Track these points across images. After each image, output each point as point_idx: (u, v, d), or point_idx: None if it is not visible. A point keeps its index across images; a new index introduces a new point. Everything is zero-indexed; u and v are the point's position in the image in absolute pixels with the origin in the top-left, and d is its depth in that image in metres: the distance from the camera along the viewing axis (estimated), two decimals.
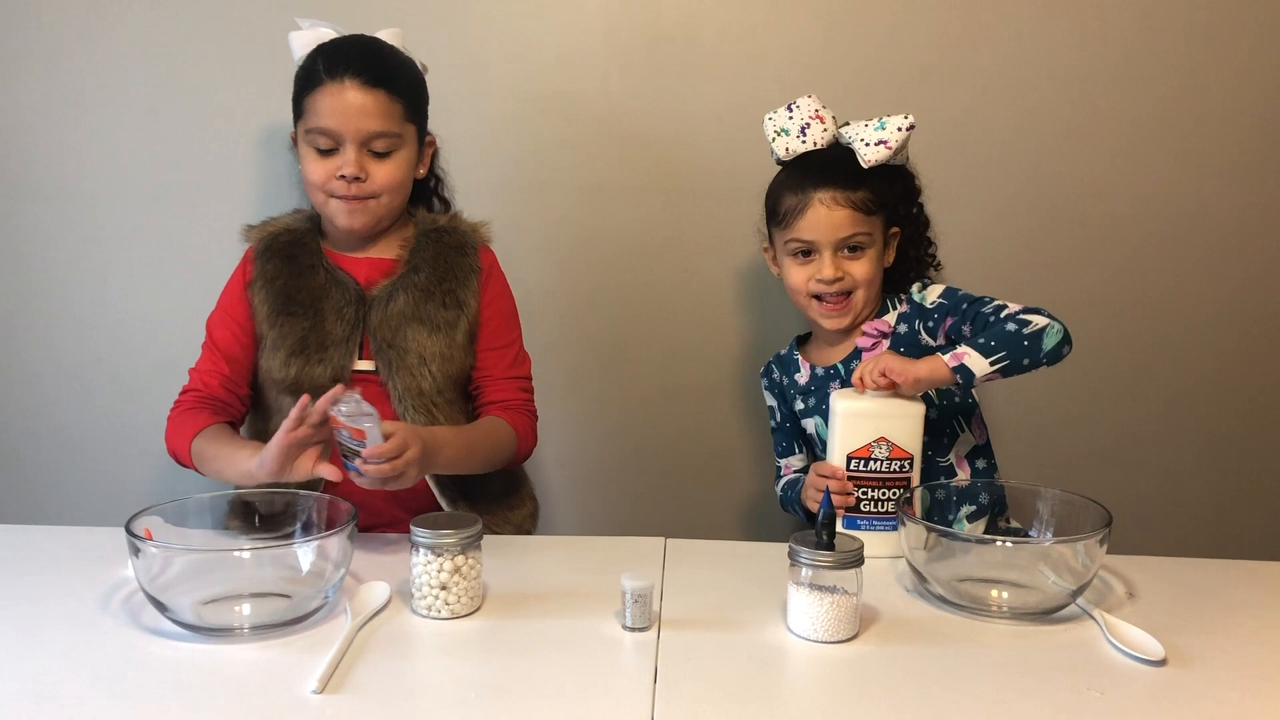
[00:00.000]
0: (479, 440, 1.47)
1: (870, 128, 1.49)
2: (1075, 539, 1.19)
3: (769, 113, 1.54)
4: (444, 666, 1.09)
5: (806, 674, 1.09)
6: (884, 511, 1.36)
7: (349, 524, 1.17)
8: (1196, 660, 1.10)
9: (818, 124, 1.51)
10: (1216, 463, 1.97)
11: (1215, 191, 1.88)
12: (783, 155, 1.53)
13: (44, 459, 2.00)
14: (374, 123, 1.43)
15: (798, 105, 1.53)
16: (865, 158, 1.48)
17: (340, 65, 1.43)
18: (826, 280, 1.49)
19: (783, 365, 1.64)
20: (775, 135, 1.53)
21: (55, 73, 1.86)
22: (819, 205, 1.48)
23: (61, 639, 1.11)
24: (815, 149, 1.52)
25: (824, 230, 1.49)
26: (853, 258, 1.50)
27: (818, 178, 1.49)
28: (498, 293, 1.56)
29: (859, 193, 1.49)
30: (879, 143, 1.48)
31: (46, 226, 1.92)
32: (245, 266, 1.53)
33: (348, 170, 1.43)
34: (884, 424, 1.35)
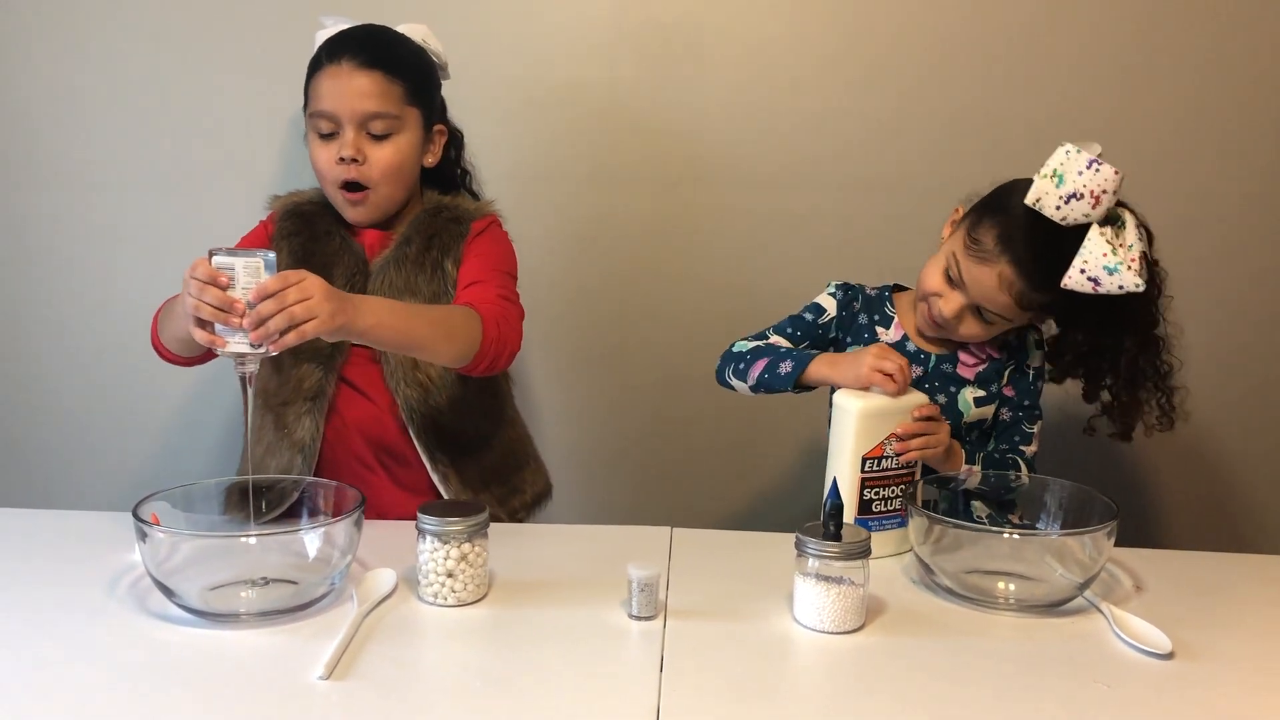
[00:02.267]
0: (424, 309, 1.37)
1: (1104, 261, 1.28)
2: (1082, 531, 1.19)
3: (1074, 145, 1.29)
4: (450, 654, 1.09)
5: (813, 665, 1.09)
6: (894, 510, 1.36)
7: (356, 510, 1.17)
8: (1204, 654, 1.10)
9: (1088, 202, 1.28)
10: (1224, 454, 1.97)
11: (1225, 186, 1.87)
12: (1029, 199, 1.31)
13: (50, 445, 2.00)
14: (370, 103, 1.42)
15: (1098, 170, 1.28)
16: (1068, 278, 1.30)
17: (340, 49, 1.44)
18: (940, 314, 1.40)
19: (868, 304, 1.51)
20: (1050, 173, 1.30)
21: (61, 61, 1.86)
22: (994, 273, 1.34)
23: (67, 624, 1.11)
24: (1059, 221, 1.31)
25: (980, 291, 1.36)
26: (980, 321, 1.40)
27: (1022, 254, 1.33)
28: (481, 243, 1.50)
29: (1037, 295, 1.34)
30: (1092, 279, 1.29)
31: (52, 214, 1.91)
32: (267, 224, 1.54)
33: (345, 151, 1.42)
34: (895, 421, 1.34)
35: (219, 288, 1.13)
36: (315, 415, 1.45)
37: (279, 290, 1.13)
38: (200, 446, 1.96)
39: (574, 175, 1.89)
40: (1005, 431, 1.49)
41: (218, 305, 1.13)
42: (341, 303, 1.18)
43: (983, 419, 1.49)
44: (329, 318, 1.16)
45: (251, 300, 1.14)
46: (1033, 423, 1.49)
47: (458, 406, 1.49)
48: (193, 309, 1.13)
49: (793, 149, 1.87)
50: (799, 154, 1.87)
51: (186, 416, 1.95)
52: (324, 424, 1.46)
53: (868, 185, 1.87)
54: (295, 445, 1.45)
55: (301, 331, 1.14)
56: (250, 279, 1.14)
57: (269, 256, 1.15)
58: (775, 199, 1.88)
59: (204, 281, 1.13)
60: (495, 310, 1.39)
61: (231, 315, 1.14)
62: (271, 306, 1.13)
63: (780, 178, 1.87)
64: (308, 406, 1.45)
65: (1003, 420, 1.49)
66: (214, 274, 1.14)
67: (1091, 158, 1.28)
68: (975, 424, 1.49)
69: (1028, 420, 1.49)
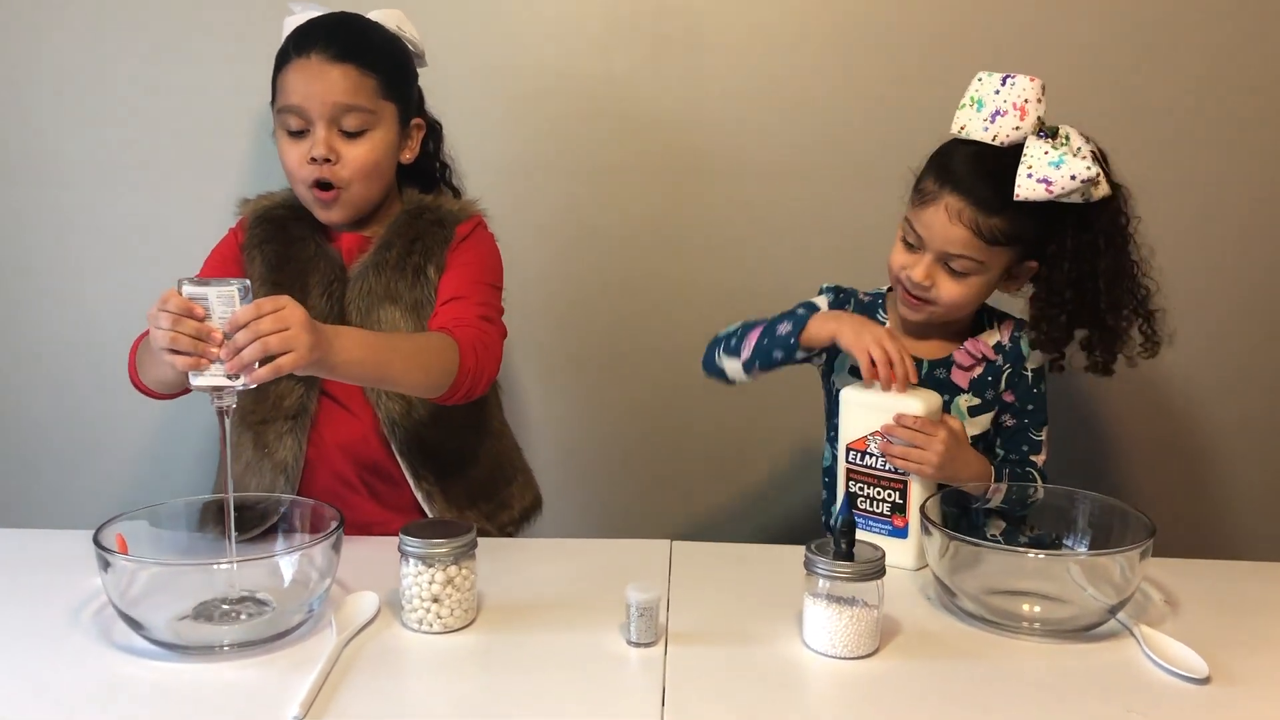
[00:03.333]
0: (399, 341, 1.31)
1: (1047, 158, 1.26)
2: (1115, 551, 1.13)
3: (982, 72, 1.33)
4: (435, 686, 1.03)
5: (824, 692, 1.03)
6: (878, 512, 1.29)
7: (335, 531, 1.10)
8: (1242, 677, 1.04)
9: (1014, 116, 1.29)
10: (1259, 459, 1.91)
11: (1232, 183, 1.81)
12: (953, 128, 1.34)
13: (15, 458, 1.93)
14: (341, 96, 1.35)
15: (1013, 83, 1.30)
16: (1019, 189, 1.27)
17: (308, 41, 1.36)
18: (913, 281, 1.36)
19: (859, 310, 1.47)
20: (968, 102, 1.32)
21: (31, 54, 1.80)
22: (943, 210, 1.31)
23: (25, 656, 1.05)
24: (988, 144, 1.31)
25: (935, 236, 1.32)
26: (951, 277, 1.34)
27: (960, 181, 1.30)
28: (465, 251, 1.44)
29: (991, 219, 1.30)
30: (1043, 180, 1.26)
31: (19, 211, 1.85)
32: (237, 233, 1.47)
33: (316, 150, 1.35)
34: (885, 419, 1.28)
35: (195, 319, 1.08)
36: (298, 434, 1.39)
37: (253, 319, 1.07)
38: (178, 457, 1.90)
39: (566, 171, 1.84)
40: (1011, 439, 1.43)
41: (195, 336, 1.08)
42: (318, 335, 1.12)
43: (982, 432, 1.42)
44: (307, 351, 1.11)
45: (228, 329, 1.08)
46: (1039, 429, 1.43)
47: (441, 420, 1.42)
48: (169, 341, 1.08)
49: (793, 142, 1.83)
50: (799, 147, 1.83)
51: (163, 427, 1.90)
52: (306, 444, 1.39)
53: (871, 178, 1.82)
54: (277, 466, 1.38)
55: (277, 366, 1.09)
56: (225, 308, 1.09)
57: (244, 284, 1.09)
58: (775, 194, 1.84)
59: (178, 314, 1.07)
60: (473, 336, 1.33)
61: (209, 345, 1.08)
62: (247, 335, 1.07)
63: (780, 172, 1.83)
64: (289, 425, 1.38)
65: (1007, 427, 1.43)
66: (189, 306, 1.08)
67: (1004, 75, 1.30)
68: (975, 438, 1.42)
69: (1034, 427, 1.42)
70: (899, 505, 1.28)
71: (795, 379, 1.84)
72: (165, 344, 1.08)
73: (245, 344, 1.07)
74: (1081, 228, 1.32)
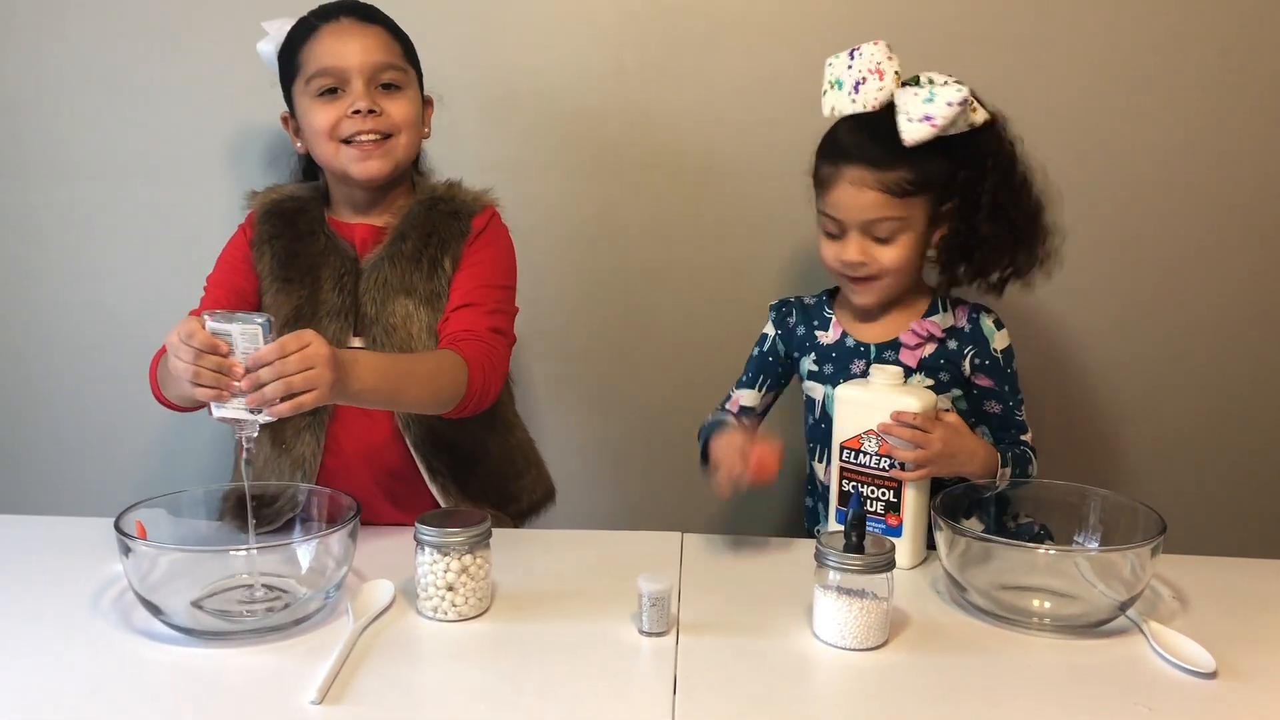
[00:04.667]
0: (413, 364, 1.31)
1: (919, 98, 1.30)
2: (1125, 548, 1.13)
3: (830, 57, 1.39)
4: (450, 673, 1.04)
5: (833, 683, 1.04)
6: (872, 511, 1.30)
7: (352, 519, 1.12)
8: (1250, 673, 1.04)
9: (874, 80, 1.34)
10: (1266, 454, 1.90)
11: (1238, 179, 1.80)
12: (826, 114, 1.39)
13: (34, 446, 1.95)
14: (379, 54, 1.37)
15: (860, 53, 1.35)
16: (905, 135, 1.30)
17: (334, 9, 1.39)
18: (850, 264, 1.39)
19: (805, 314, 1.50)
20: (828, 87, 1.38)
21: (48, 51, 1.80)
22: (846, 184, 1.34)
23: (46, 642, 1.06)
24: (864, 111, 1.36)
25: (849, 211, 1.35)
26: (882, 244, 1.37)
27: (851, 152, 1.35)
28: (481, 248, 1.43)
29: (893, 173, 1.33)
30: (924, 118, 1.29)
31: (35, 205, 1.86)
32: (246, 229, 1.46)
33: (360, 103, 1.35)
34: (877, 417, 1.28)
35: (219, 355, 1.09)
36: (316, 430, 1.39)
37: (277, 358, 1.08)
38: (194, 449, 1.91)
39: (578, 167, 1.83)
40: (1001, 425, 1.44)
41: (217, 370, 1.09)
42: (339, 371, 1.13)
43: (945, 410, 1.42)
44: (328, 388, 1.11)
45: (250, 365, 1.09)
46: (1020, 408, 1.43)
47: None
48: (191, 375, 1.09)
49: (804, 139, 1.77)
50: (811, 145, 1.79)
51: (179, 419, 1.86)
52: (324, 440, 1.40)
53: None
54: (295, 462, 1.39)
55: (299, 403, 1.10)
56: (249, 344, 1.10)
57: (267, 320, 1.10)
58: (788, 189, 1.81)
59: (202, 349, 1.09)
60: (482, 353, 1.33)
61: (231, 380, 1.10)
62: (272, 374, 1.08)
63: (793, 169, 1.80)
64: (307, 422, 1.38)
65: (993, 413, 1.43)
66: (213, 343, 1.09)
67: (850, 49, 1.37)
68: (980, 422, 1.44)
69: (1016, 407, 1.43)
70: (893, 504, 1.28)
71: None
72: (188, 377, 1.09)
73: (269, 380, 1.08)
74: (970, 159, 1.36)
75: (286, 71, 1.42)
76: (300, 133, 1.43)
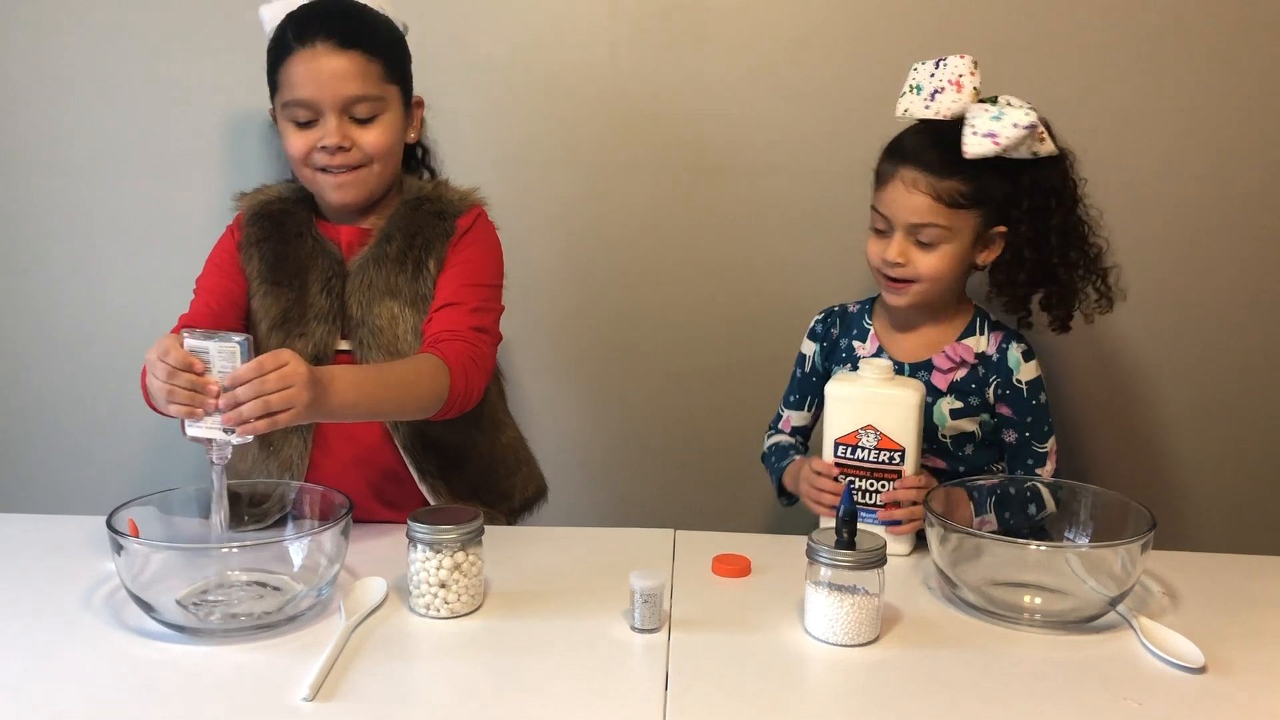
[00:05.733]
0: (390, 373, 1.30)
1: (988, 115, 1.33)
2: (1115, 544, 1.13)
3: (916, 62, 1.42)
4: (443, 670, 1.04)
5: (825, 679, 1.04)
6: (870, 503, 1.31)
7: (344, 517, 1.12)
8: (1238, 668, 1.05)
9: (952, 91, 1.36)
10: (1258, 453, 1.91)
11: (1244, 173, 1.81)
12: (897, 112, 1.42)
13: (26, 444, 1.94)
14: (352, 86, 1.33)
15: (945, 64, 1.38)
16: (967, 147, 1.33)
17: (310, 30, 1.33)
18: (888, 262, 1.39)
19: (845, 324, 1.52)
20: (908, 90, 1.41)
21: (42, 48, 1.80)
22: (899, 183, 1.37)
23: (39, 639, 1.06)
24: (935, 119, 1.38)
25: (897, 210, 1.38)
26: (923, 249, 1.38)
27: (911, 153, 1.38)
28: (465, 247, 1.42)
29: (947, 182, 1.35)
30: (987, 134, 1.32)
31: (30, 202, 1.85)
32: (234, 231, 1.46)
33: (329, 140, 1.34)
34: (873, 411, 1.29)
35: (193, 373, 1.09)
36: (303, 432, 1.39)
37: (255, 377, 1.08)
38: (186, 444, 1.87)
39: (572, 164, 1.83)
40: (1015, 456, 1.45)
41: (191, 389, 1.09)
42: (316, 389, 1.13)
43: (967, 433, 1.44)
44: (305, 407, 1.12)
45: (227, 385, 1.09)
46: (1043, 442, 1.43)
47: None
48: (165, 394, 1.10)
49: (799, 136, 1.82)
50: (806, 140, 1.82)
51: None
52: (312, 442, 1.40)
53: None
54: (283, 465, 1.39)
55: (274, 421, 1.10)
56: (226, 363, 1.10)
57: (245, 339, 1.10)
58: (781, 187, 1.83)
59: (176, 367, 1.09)
60: (464, 354, 1.33)
61: (206, 399, 1.10)
62: (249, 392, 1.08)
63: (786, 165, 1.83)
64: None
65: (1010, 443, 1.45)
66: (188, 360, 1.09)
67: (937, 59, 1.38)
68: (961, 437, 1.44)
69: (1036, 440, 1.43)
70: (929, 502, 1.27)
71: None
72: (162, 395, 1.10)
73: (247, 399, 1.08)
74: (1034, 189, 1.38)
75: (270, 79, 1.39)
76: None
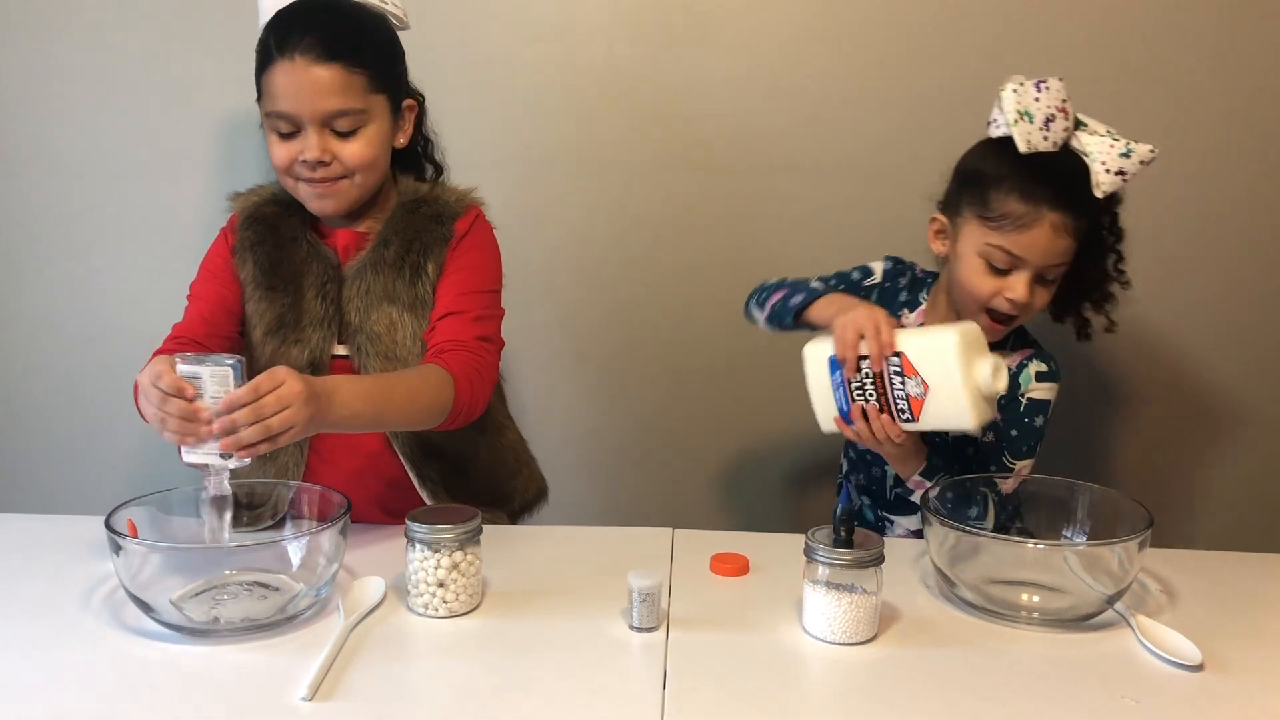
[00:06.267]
0: (395, 385, 1.28)
1: (1115, 150, 1.30)
2: (1113, 542, 1.13)
3: (1013, 82, 1.33)
4: (441, 670, 1.04)
5: (823, 678, 1.04)
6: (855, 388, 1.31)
7: (342, 516, 1.12)
8: (1236, 665, 1.05)
9: (1061, 119, 1.31)
10: (1255, 451, 1.91)
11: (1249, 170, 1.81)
12: (1023, 148, 1.31)
13: (24, 444, 1.95)
14: (332, 100, 1.30)
15: (1047, 87, 1.32)
16: (1100, 184, 1.30)
17: (290, 39, 1.29)
18: (1016, 302, 1.34)
19: (912, 284, 1.49)
20: (1017, 117, 1.31)
21: (37, 46, 1.80)
22: (1047, 228, 1.30)
23: (37, 639, 1.06)
24: (1052, 151, 1.33)
25: (1042, 255, 1.32)
26: (1045, 287, 1.36)
27: (1056, 196, 1.30)
28: (464, 252, 1.40)
29: (1083, 221, 1.32)
30: (1118, 173, 1.30)
31: (28, 202, 1.86)
32: (228, 234, 1.44)
33: (309, 155, 1.31)
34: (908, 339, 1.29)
35: (184, 399, 1.09)
36: (300, 443, 1.38)
37: (252, 401, 1.08)
38: None
39: (568, 161, 1.83)
40: (987, 454, 1.43)
41: (182, 417, 1.09)
42: (317, 404, 1.13)
43: (970, 436, 1.42)
44: (304, 425, 1.12)
45: (221, 410, 1.09)
46: (1016, 458, 1.41)
47: None
48: (159, 422, 1.10)
49: (797, 134, 1.82)
50: (803, 140, 1.82)
51: None
52: (308, 451, 1.40)
53: (875, 171, 1.82)
54: (279, 471, 1.39)
55: (275, 442, 1.11)
56: (219, 387, 1.10)
57: (238, 361, 1.10)
58: (779, 186, 1.84)
59: (168, 393, 1.09)
60: (469, 364, 1.32)
61: (198, 425, 1.09)
62: (247, 416, 1.08)
63: (785, 163, 1.83)
64: None
65: (985, 441, 1.43)
66: (180, 385, 1.09)
67: (1036, 81, 1.32)
68: (962, 439, 1.44)
69: (1011, 452, 1.42)
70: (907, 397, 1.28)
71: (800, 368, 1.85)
72: (156, 423, 1.10)
73: (245, 423, 1.08)
74: (1110, 212, 1.38)
75: (257, 81, 1.35)
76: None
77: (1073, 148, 1.33)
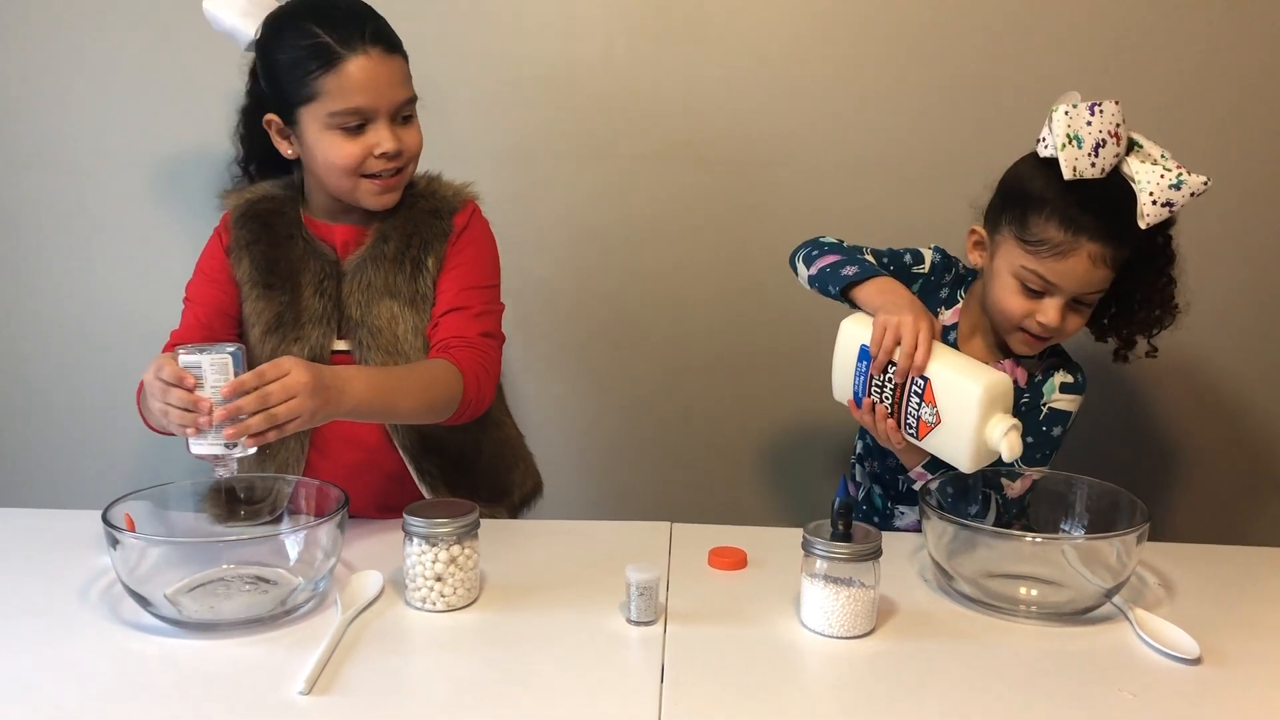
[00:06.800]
0: (406, 377, 1.29)
1: (1165, 180, 1.24)
2: (1111, 535, 1.13)
3: (1066, 103, 1.25)
4: (439, 664, 1.04)
5: (821, 671, 1.04)
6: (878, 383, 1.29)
7: (340, 510, 1.12)
8: (1233, 658, 1.05)
9: (1112, 144, 1.25)
10: (1252, 445, 1.91)
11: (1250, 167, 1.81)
12: (1068, 174, 1.25)
13: (23, 438, 1.95)
14: (403, 90, 1.33)
15: (1101, 111, 1.24)
16: (1146, 215, 1.25)
17: (355, 35, 1.29)
18: (1047, 325, 1.31)
19: (956, 280, 1.46)
20: (1066, 141, 1.25)
21: (43, 43, 1.80)
22: (1085, 258, 1.26)
23: (35, 633, 1.06)
24: (1099, 178, 1.26)
25: (1076, 284, 1.28)
26: (1078, 312, 1.33)
27: (1097, 227, 1.26)
28: (464, 248, 1.41)
29: (1123, 251, 1.28)
30: (1166, 204, 1.25)
31: (31, 198, 1.85)
32: (222, 233, 1.44)
33: (387, 146, 1.31)
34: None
35: (185, 389, 1.09)
36: (300, 437, 1.38)
37: (257, 387, 1.08)
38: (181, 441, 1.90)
39: (566, 159, 1.83)
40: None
41: (183, 406, 1.09)
42: (325, 395, 1.13)
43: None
44: (311, 415, 1.12)
45: (224, 396, 1.09)
46: (1029, 464, 1.39)
47: None
48: (162, 414, 1.11)
49: (796, 131, 1.82)
50: (802, 136, 1.82)
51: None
52: (309, 445, 1.39)
53: (874, 168, 1.82)
54: (279, 468, 1.38)
55: (282, 431, 1.11)
56: (219, 376, 1.10)
57: (238, 349, 1.11)
58: (778, 182, 1.83)
59: (169, 384, 1.09)
60: (475, 360, 1.33)
61: (199, 415, 1.09)
62: (253, 403, 1.08)
63: (782, 159, 1.82)
64: None
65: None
66: (181, 375, 1.10)
67: (1090, 104, 1.25)
68: None
69: (1023, 458, 1.36)
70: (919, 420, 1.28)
71: (797, 362, 1.85)
72: (160, 416, 1.11)
73: (250, 411, 1.08)
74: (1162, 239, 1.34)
75: (291, 89, 1.32)
76: (295, 143, 1.37)
77: (1122, 173, 1.28)
